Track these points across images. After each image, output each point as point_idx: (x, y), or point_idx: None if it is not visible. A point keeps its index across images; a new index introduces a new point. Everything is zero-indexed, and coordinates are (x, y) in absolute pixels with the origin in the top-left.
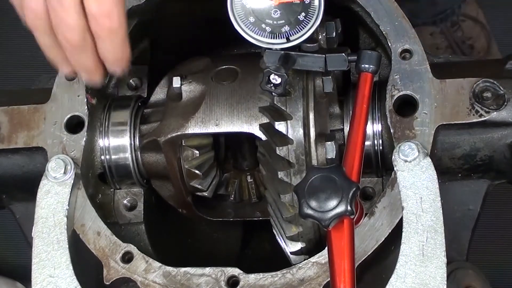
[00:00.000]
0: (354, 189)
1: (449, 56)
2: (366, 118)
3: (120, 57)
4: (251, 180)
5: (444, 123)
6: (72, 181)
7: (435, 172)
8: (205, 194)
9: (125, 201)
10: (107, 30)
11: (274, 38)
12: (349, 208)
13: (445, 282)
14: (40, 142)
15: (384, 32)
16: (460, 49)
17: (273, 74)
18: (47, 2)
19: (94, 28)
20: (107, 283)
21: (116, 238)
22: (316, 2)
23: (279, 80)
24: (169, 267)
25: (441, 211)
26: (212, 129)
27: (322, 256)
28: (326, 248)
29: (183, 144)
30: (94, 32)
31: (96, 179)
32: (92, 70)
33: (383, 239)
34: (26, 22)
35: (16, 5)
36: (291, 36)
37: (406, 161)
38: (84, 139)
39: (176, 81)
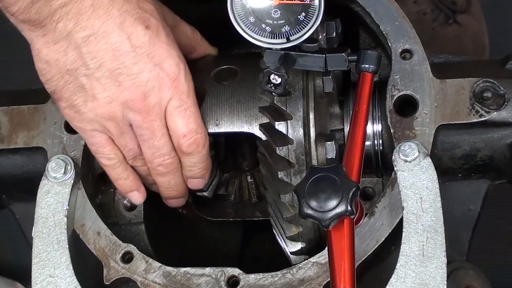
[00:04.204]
0: (354, 189)
1: (449, 56)
2: (366, 118)
3: (206, 166)
4: (251, 180)
5: (444, 123)
6: (72, 181)
7: (435, 172)
8: (205, 194)
9: (125, 201)
10: (196, 144)
11: (274, 38)
12: (349, 208)
13: (445, 282)
14: (40, 142)
15: (384, 32)
16: (445, 5)
17: (273, 74)
18: (138, 137)
19: (183, 147)
20: (107, 283)
21: (116, 238)
22: (316, 2)
23: (279, 80)
24: (169, 267)
25: (441, 211)
26: (212, 129)
27: (322, 256)
28: (326, 248)
29: None
30: (184, 150)
31: (96, 179)
32: (183, 191)
33: (383, 239)
34: (129, 162)
35: (105, 160)
36: (291, 36)
37: (406, 161)
38: None
39: None
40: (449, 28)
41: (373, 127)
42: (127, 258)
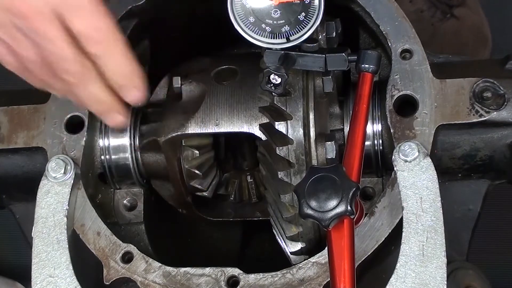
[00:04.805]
0: (354, 189)
1: (449, 56)
2: (366, 118)
3: (129, 71)
4: (251, 180)
5: (444, 123)
6: (72, 181)
7: (435, 172)
8: (205, 194)
9: (125, 201)
10: (101, 44)
11: (274, 38)
12: (349, 208)
13: (445, 282)
14: (40, 142)
15: (384, 32)
16: (440, 1)
17: (273, 74)
18: (37, 46)
19: (90, 48)
20: (107, 283)
21: (116, 238)
22: (316, 2)
23: (279, 80)
24: (169, 267)
25: (441, 211)
26: (212, 129)
27: (322, 256)
28: (326, 248)
29: (183, 144)
30: (92, 53)
31: (96, 179)
32: (108, 104)
33: (383, 239)
34: (23, 74)
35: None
36: (291, 36)
37: (406, 161)
38: (84, 139)
39: (176, 81)
40: (448, 22)
41: (373, 127)
42: (127, 258)
